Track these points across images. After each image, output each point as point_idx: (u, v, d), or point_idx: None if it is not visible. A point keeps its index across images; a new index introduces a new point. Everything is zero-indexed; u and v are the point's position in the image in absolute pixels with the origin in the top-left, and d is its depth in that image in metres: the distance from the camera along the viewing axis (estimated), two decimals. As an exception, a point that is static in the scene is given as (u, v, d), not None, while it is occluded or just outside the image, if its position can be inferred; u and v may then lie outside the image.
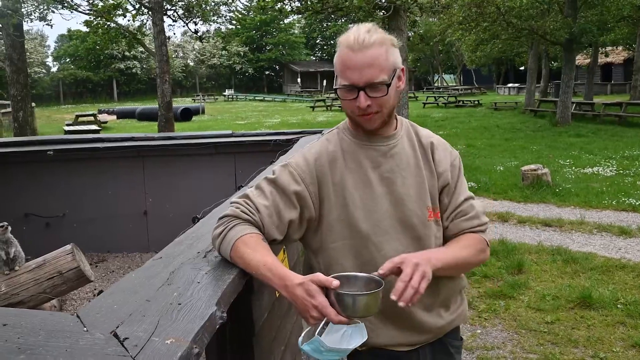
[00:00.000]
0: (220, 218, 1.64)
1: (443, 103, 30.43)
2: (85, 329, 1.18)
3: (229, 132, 6.06)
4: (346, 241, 1.66)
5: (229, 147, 5.75)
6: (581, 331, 4.01)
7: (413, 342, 1.73)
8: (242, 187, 3.00)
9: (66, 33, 49.64)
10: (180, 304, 1.27)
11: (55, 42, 70.18)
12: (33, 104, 18.08)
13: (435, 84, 53.22)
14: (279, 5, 12.48)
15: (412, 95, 36.98)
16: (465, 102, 30.27)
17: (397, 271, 1.50)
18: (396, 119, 1.74)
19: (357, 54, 1.55)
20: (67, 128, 18.40)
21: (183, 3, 15.93)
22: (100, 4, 11.15)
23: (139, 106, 32.75)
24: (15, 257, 3.56)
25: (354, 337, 1.47)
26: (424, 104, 30.88)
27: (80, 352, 1.06)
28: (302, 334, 1.46)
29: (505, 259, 5.57)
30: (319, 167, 1.68)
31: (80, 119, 24.15)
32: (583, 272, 5.17)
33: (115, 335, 1.12)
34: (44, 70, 56.43)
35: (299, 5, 11.55)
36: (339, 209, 1.65)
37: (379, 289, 1.43)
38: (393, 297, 1.45)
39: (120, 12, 10.91)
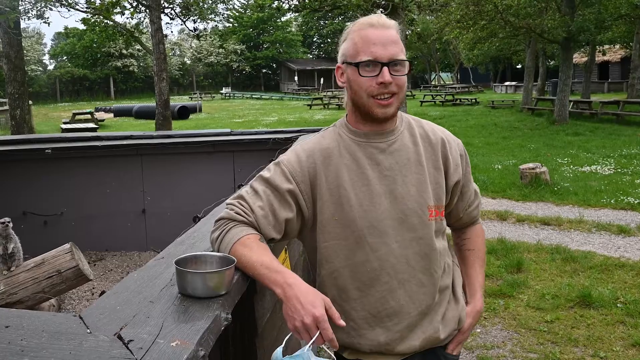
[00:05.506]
0: (217, 221, 1.62)
1: (440, 101, 30.40)
2: (88, 330, 1.17)
3: (228, 130, 6.04)
4: (339, 241, 1.62)
5: (228, 146, 5.73)
6: (581, 330, 4.01)
7: (402, 350, 1.67)
8: (242, 185, 2.99)
9: (63, 31, 49.48)
10: (184, 306, 1.26)
11: (52, 40, 70.05)
12: (30, 102, 18.05)
13: (433, 83, 53.20)
14: (276, 4, 12.44)
15: (409, 93, 36.96)
16: (462, 100, 30.25)
17: None
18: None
19: (381, 31, 1.55)
20: (64, 126, 18.36)
21: (181, 1, 15.91)
22: (98, 1, 11.10)
23: (136, 104, 32.66)
24: (14, 253, 3.53)
25: None
26: (422, 102, 30.86)
27: (85, 354, 1.04)
28: (282, 344, 1.38)
29: (505, 257, 5.57)
30: (311, 165, 1.64)
31: (77, 117, 24.08)
32: (582, 271, 5.17)
33: (120, 337, 1.11)
34: (40, 68, 56.27)
35: (297, 3, 11.51)
36: (333, 207, 1.61)
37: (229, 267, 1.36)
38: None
39: (117, 9, 10.84)
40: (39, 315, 1.32)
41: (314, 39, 67.47)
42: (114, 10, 11.23)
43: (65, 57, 57.35)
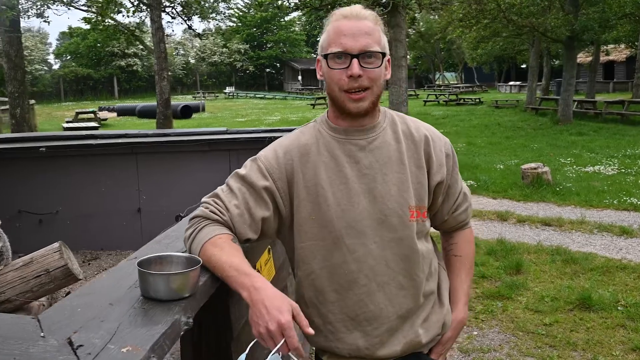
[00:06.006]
0: (191, 219, 1.56)
1: (444, 101, 30.31)
2: (42, 334, 1.11)
3: (224, 129, 5.99)
4: (316, 241, 1.56)
5: (224, 144, 5.67)
6: (580, 334, 3.93)
7: (383, 355, 1.59)
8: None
9: (67, 30, 49.61)
10: (144, 309, 1.19)
11: (57, 39, 70.19)
12: (32, 101, 18.05)
13: (437, 82, 53.09)
14: (279, 2, 12.38)
15: (412, 93, 36.89)
16: (466, 100, 30.16)
17: None
18: (379, 110, 1.64)
19: (352, 22, 1.49)
20: (66, 125, 18.33)
21: (182, 0, 15.89)
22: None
23: (139, 103, 32.66)
24: (2, 252, 3.47)
25: None
26: (425, 101, 30.77)
27: (30, 360, 0.98)
28: (246, 351, 1.30)
29: (504, 259, 5.48)
30: (288, 161, 1.58)
31: (80, 116, 24.07)
32: (583, 273, 5.08)
33: (70, 342, 1.04)
34: (45, 68, 56.40)
35: (297, 1, 11.46)
36: (310, 206, 1.55)
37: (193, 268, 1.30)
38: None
39: (114, 8, 10.79)
40: (-5, 317, 1.27)
41: (318, 39, 66.27)
42: (111, 9, 11.19)
43: (69, 57, 57.47)
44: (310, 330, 1.30)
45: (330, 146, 1.58)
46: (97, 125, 18.08)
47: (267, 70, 64.50)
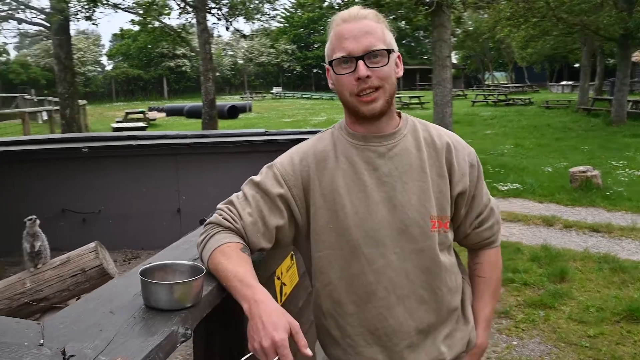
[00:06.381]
0: (205, 225, 1.54)
1: (493, 101, 29.69)
2: (41, 341, 1.10)
3: (263, 130, 5.99)
4: (333, 251, 1.50)
5: (263, 146, 5.68)
6: (627, 347, 3.74)
7: None
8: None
9: (119, 32, 50.98)
10: (144, 318, 1.17)
11: (110, 41, 72.21)
12: (83, 102, 18.59)
13: (486, 82, 52.13)
14: (324, 4, 12.34)
15: (461, 93, 36.36)
16: (515, 100, 29.47)
17: None
18: (400, 116, 1.58)
19: (352, 24, 1.44)
20: (114, 125, 18.82)
21: (227, 1, 16.04)
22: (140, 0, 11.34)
23: (187, 104, 33.22)
24: (40, 251, 3.55)
25: None
26: (473, 102, 30.22)
27: (18, 370, 0.97)
28: None
29: (548, 265, 5.30)
30: (304, 168, 1.53)
31: (130, 116, 24.69)
32: (632, 283, 4.84)
33: (63, 352, 1.02)
34: (98, 69, 58.16)
35: (340, 1, 11.42)
36: (327, 214, 1.50)
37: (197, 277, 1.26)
38: None
39: (156, 10, 10.98)
40: (3, 321, 1.26)
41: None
42: (154, 10, 11.40)
43: (120, 58, 59.08)
44: (308, 352, 1.23)
45: (348, 153, 1.52)
46: (144, 125, 18.51)
47: (314, 70, 64.64)
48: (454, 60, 58.65)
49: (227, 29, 16.06)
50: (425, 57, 56.72)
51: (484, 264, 1.71)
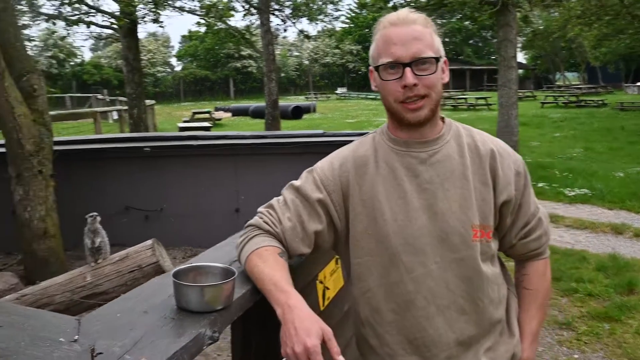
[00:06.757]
0: (245, 227, 1.54)
1: (563, 103, 28.64)
2: (76, 337, 1.13)
3: (321, 131, 6.01)
4: (372, 258, 1.47)
5: (320, 147, 5.69)
6: (697, 365, 3.52)
7: None
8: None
9: (187, 34, 52.45)
10: (174, 319, 1.18)
11: (179, 42, 74.50)
12: (151, 102, 19.20)
13: (557, 83, 50.39)
14: (389, 5, 12.23)
15: (530, 94, 35.28)
16: (587, 101, 28.28)
17: None
18: (443, 121, 1.53)
19: (401, 28, 1.40)
20: (181, 125, 19.36)
21: (290, 3, 16.20)
22: (206, 2, 11.61)
23: (253, 104, 33.77)
24: (100, 247, 3.68)
25: None
26: (542, 103, 29.23)
27: (47, 365, 1.00)
28: None
29: (615, 276, 5.04)
30: (344, 173, 1.51)
31: (196, 116, 25.35)
32: None
33: (92, 349, 1.05)
34: (168, 69, 60.06)
35: (402, 1, 11.31)
36: (366, 220, 1.47)
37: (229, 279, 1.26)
38: None
39: (216, 11, 11.23)
40: (43, 315, 1.31)
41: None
42: (216, 12, 11.64)
43: (189, 59, 60.73)
44: (341, 359, 1.22)
45: (388, 158, 1.50)
46: (209, 125, 18.93)
47: (379, 71, 64.29)
48: (523, 60, 57.08)
49: (285, 30, 16.25)
50: (493, 57, 55.36)
51: (531, 276, 1.63)
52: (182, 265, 1.36)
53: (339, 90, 52.79)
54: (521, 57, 59.57)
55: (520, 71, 51.63)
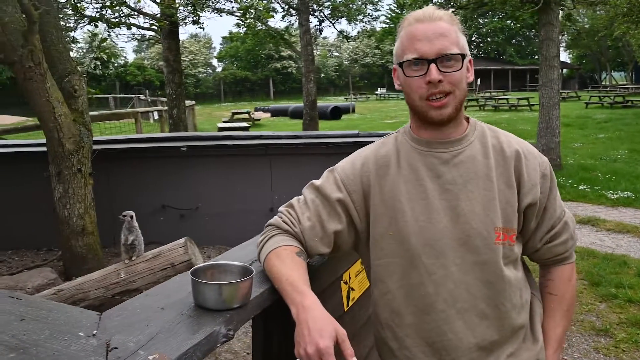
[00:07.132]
0: (266, 226, 1.56)
1: (608, 103, 27.84)
2: (94, 331, 1.15)
3: (355, 132, 6.00)
4: (393, 259, 1.46)
5: (354, 147, 5.65)
6: None
7: None
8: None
9: (228, 35, 53.01)
10: (190, 316, 1.20)
11: (220, 43, 75.41)
12: (191, 102, 19.46)
13: (603, 82, 49.04)
14: (426, 6, 12.07)
15: (574, 94, 34.48)
16: (634, 102, 27.42)
17: None
18: (467, 121, 1.51)
19: (426, 24, 1.39)
20: (220, 125, 19.60)
21: (329, 3, 16.22)
22: (244, 3, 11.72)
23: (292, 104, 33.91)
24: (134, 245, 3.75)
25: None
26: (587, 104, 28.47)
27: (64, 358, 1.02)
28: None
29: (658, 281, 4.88)
30: (365, 173, 1.50)
31: (236, 116, 25.65)
32: None
33: (107, 344, 1.07)
34: (209, 70, 60.93)
35: (442, 0, 11.18)
36: (387, 221, 1.46)
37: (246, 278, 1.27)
38: None
39: (253, 12, 11.33)
40: (67, 310, 1.34)
41: (473, 38, 65.38)
42: (251, 12, 11.73)
43: (229, 60, 61.43)
44: None
45: (411, 158, 1.48)
46: (247, 125, 19.10)
47: (419, 71, 63.79)
48: (568, 60, 55.75)
49: (321, 31, 16.26)
50: (536, 57, 54.29)
51: (556, 281, 1.59)
52: (201, 264, 1.38)
53: (379, 91, 52.57)
54: (565, 57, 58.21)
55: (564, 71, 50.49)
